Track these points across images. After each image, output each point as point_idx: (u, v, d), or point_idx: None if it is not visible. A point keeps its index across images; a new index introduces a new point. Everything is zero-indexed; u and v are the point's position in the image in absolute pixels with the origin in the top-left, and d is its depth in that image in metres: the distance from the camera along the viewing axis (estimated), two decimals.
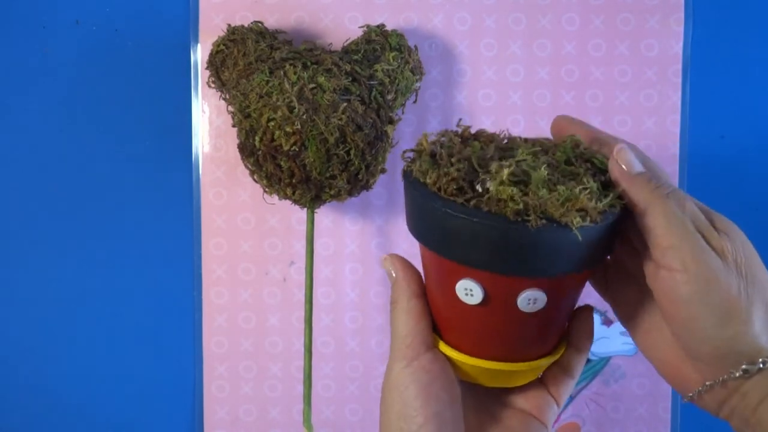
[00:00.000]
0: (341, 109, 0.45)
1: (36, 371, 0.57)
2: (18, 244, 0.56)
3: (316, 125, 0.45)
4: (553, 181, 0.31)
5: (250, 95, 0.47)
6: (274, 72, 0.47)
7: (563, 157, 0.33)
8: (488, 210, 0.30)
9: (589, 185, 0.31)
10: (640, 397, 0.56)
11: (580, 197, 0.31)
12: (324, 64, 0.47)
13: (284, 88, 0.46)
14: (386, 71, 0.49)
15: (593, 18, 0.54)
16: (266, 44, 0.49)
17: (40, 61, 0.55)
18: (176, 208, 0.55)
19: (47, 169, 0.55)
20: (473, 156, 0.32)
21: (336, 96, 0.46)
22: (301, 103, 0.45)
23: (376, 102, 0.48)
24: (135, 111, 0.55)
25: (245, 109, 0.47)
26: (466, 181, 0.31)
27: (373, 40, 0.50)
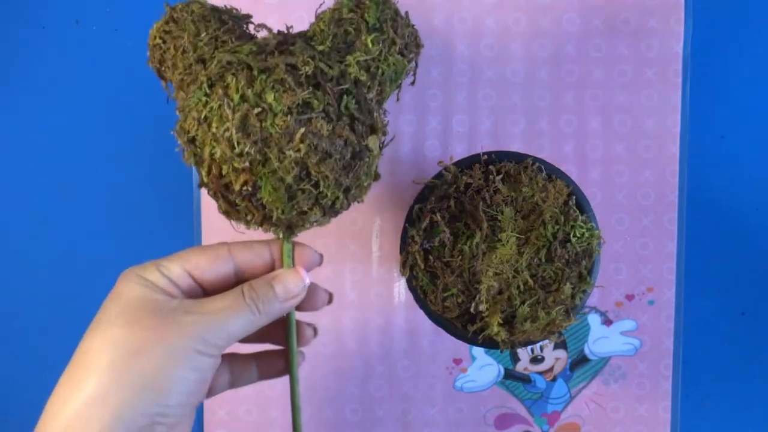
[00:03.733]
0: (298, 137, 0.34)
1: (35, 371, 0.57)
2: (18, 244, 0.56)
3: (269, 161, 0.35)
4: (535, 305, 0.43)
5: (188, 117, 0.36)
6: (213, 86, 0.35)
7: (544, 247, 0.44)
8: (482, 341, 0.44)
9: (564, 297, 0.43)
10: (640, 397, 0.56)
11: (557, 321, 0.43)
12: (275, 73, 0.35)
13: (224, 113, 0.34)
14: (362, 64, 0.37)
15: (593, 18, 0.54)
16: (210, 35, 0.37)
17: (41, 61, 0.55)
18: (176, 208, 0.55)
19: (47, 168, 0.55)
20: (465, 269, 0.43)
21: (291, 119, 0.34)
22: (246, 134, 0.34)
23: (348, 111, 0.36)
24: (135, 111, 0.55)
25: (186, 134, 0.37)
26: (461, 305, 0.44)
27: (343, 19, 0.37)
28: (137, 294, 0.34)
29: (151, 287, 0.35)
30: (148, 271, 0.35)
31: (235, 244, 0.38)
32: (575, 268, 0.44)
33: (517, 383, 0.56)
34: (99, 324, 0.34)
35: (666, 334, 0.56)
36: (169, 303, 0.34)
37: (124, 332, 0.33)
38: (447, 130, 0.55)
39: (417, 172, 0.55)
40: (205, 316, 0.34)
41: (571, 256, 0.44)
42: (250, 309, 0.35)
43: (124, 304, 0.34)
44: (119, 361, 0.32)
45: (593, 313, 0.56)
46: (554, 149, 0.55)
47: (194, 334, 0.33)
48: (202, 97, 0.35)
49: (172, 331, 0.33)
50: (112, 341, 0.33)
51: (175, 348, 0.32)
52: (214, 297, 0.35)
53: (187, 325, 0.33)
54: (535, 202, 0.44)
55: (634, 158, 0.55)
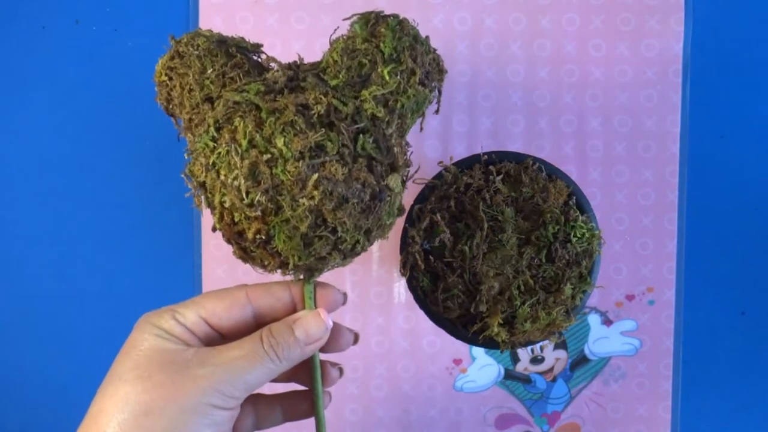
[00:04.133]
0: (311, 184, 0.32)
1: (35, 371, 0.57)
2: (17, 244, 0.56)
3: (281, 210, 0.32)
4: (536, 306, 0.43)
5: (196, 162, 0.34)
6: (221, 130, 0.33)
7: (545, 248, 0.44)
8: (483, 341, 0.44)
9: (564, 298, 0.43)
10: (640, 397, 0.56)
11: (557, 321, 0.43)
12: (285, 114, 0.32)
13: (232, 160, 0.32)
14: (379, 98, 0.34)
15: (593, 18, 0.54)
16: (217, 72, 0.35)
17: (41, 61, 0.55)
18: (176, 209, 0.55)
19: (47, 168, 0.55)
20: (466, 270, 0.43)
21: (303, 165, 0.32)
22: (256, 182, 0.32)
23: (364, 151, 0.34)
24: (135, 111, 0.55)
25: (196, 178, 0.35)
26: (462, 305, 0.44)
27: (357, 50, 0.34)
28: (150, 345, 0.33)
29: (166, 337, 0.33)
30: (163, 318, 0.34)
31: (254, 288, 0.36)
32: (575, 269, 0.44)
33: (517, 383, 0.56)
34: (111, 381, 0.33)
35: (666, 334, 0.56)
36: (184, 354, 0.32)
37: (135, 390, 0.31)
38: (447, 130, 0.55)
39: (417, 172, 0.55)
40: (221, 368, 0.32)
41: (571, 256, 0.44)
42: (270, 357, 0.33)
43: (137, 357, 0.33)
44: (130, 422, 0.31)
45: (593, 313, 0.56)
46: (554, 149, 0.55)
47: (209, 387, 0.31)
48: (209, 141, 0.33)
49: (185, 387, 0.31)
50: (123, 400, 0.31)
51: (188, 406, 0.31)
52: (230, 345, 0.34)
53: (201, 379, 0.31)
54: (536, 203, 0.44)
55: (634, 158, 0.55)
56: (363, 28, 0.35)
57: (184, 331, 0.34)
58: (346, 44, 0.35)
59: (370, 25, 0.34)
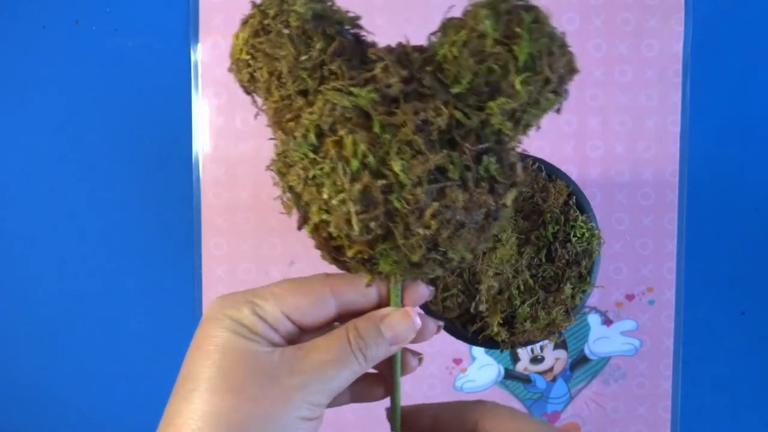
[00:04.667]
0: (429, 213, 0.28)
1: (35, 371, 0.57)
2: (17, 244, 0.56)
3: (392, 238, 0.29)
4: (535, 305, 0.43)
5: (291, 171, 0.30)
6: (323, 138, 0.28)
7: (545, 248, 0.43)
8: (482, 341, 0.43)
9: (564, 297, 0.43)
10: (640, 397, 0.56)
11: (557, 321, 0.42)
12: (402, 132, 0.27)
13: (339, 180, 0.28)
14: (508, 112, 0.29)
15: (593, 18, 0.54)
16: (314, 61, 0.28)
17: (41, 61, 0.55)
18: (176, 208, 0.55)
19: (47, 168, 0.55)
20: (466, 270, 0.42)
21: (420, 191, 0.28)
22: (366, 209, 0.28)
23: (487, 173, 0.29)
24: (135, 111, 0.55)
25: (288, 185, 0.31)
26: (461, 304, 0.43)
27: (487, 53, 0.27)
28: (231, 344, 0.30)
29: (249, 336, 0.30)
30: (243, 312, 0.30)
31: (338, 282, 0.33)
32: (575, 268, 0.44)
33: (517, 383, 0.56)
34: (194, 386, 0.30)
35: (666, 334, 0.56)
36: (270, 358, 0.30)
37: (225, 405, 0.29)
38: None
39: None
40: (311, 376, 0.30)
41: (571, 256, 0.44)
42: (357, 360, 0.31)
43: (221, 360, 0.29)
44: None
45: (593, 313, 0.56)
46: (554, 149, 0.55)
47: (300, 400, 0.29)
48: (308, 151, 0.28)
49: (278, 403, 0.29)
50: (213, 416, 0.29)
51: (281, 424, 0.29)
52: (315, 346, 0.31)
53: (292, 390, 0.29)
54: (536, 203, 0.44)
55: (634, 158, 0.55)
56: (495, 25, 0.28)
57: (266, 328, 0.31)
58: (471, 40, 0.28)
59: (503, 23, 0.28)
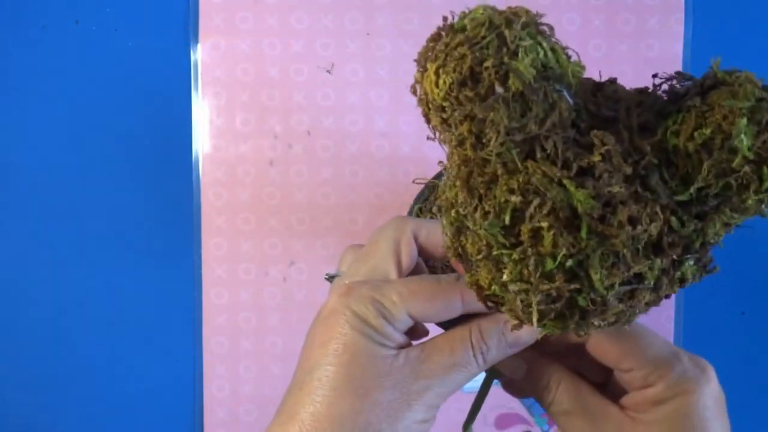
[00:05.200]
0: (611, 312, 0.26)
1: (35, 371, 0.57)
2: (17, 244, 0.56)
3: (564, 321, 0.26)
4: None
5: (470, 239, 0.26)
6: (516, 221, 0.24)
7: None
8: None
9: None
10: None
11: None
12: (610, 244, 0.24)
13: (525, 272, 0.25)
14: (728, 226, 0.26)
15: (593, 18, 0.54)
16: (527, 135, 0.23)
17: (41, 61, 0.55)
18: (176, 208, 0.55)
19: (47, 168, 0.55)
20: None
21: (610, 295, 0.25)
22: (548, 304, 0.25)
23: (682, 276, 0.26)
24: (135, 111, 0.55)
25: (459, 242, 0.27)
26: None
27: (728, 168, 0.23)
28: (361, 348, 0.29)
29: (376, 339, 0.30)
30: (370, 313, 0.30)
31: (470, 293, 0.30)
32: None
33: None
34: (319, 386, 0.30)
35: (666, 334, 0.56)
36: (396, 362, 0.30)
37: (350, 409, 0.29)
38: None
39: (417, 172, 0.55)
40: (434, 381, 0.30)
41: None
42: (477, 363, 0.31)
43: (348, 363, 0.29)
44: None
45: None
46: None
47: (421, 404, 0.30)
48: (497, 231, 0.25)
49: (402, 409, 0.29)
50: (336, 418, 0.29)
51: (399, 427, 0.29)
52: (438, 348, 0.30)
53: (415, 395, 0.29)
54: None
55: None
56: (751, 142, 0.23)
57: (391, 330, 0.30)
58: (715, 146, 0.23)
59: (761, 141, 0.23)
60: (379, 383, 0.29)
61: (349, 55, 0.54)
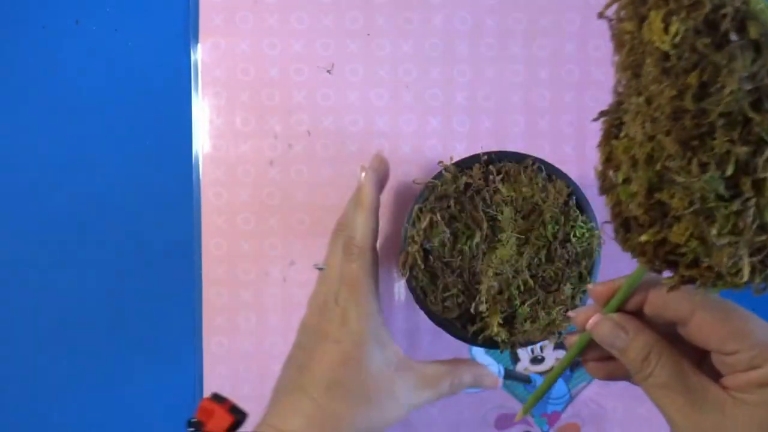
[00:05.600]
0: None
1: (34, 371, 0.57)
2: (16, 243, 0.56)
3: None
4: (535, 306, 0.43)
5: (645, 171, 0.27)
6: (738, 174, 0.24)
7: (544, 248, 0.44)
8: (483, 341, 0.44)
9: (564, 297, 0.43)
10: (640, 397, 0.56)
11: (557, 321, 0.43)
12: None
13: (741, 224, 0.25)
14: None
15: (593, 18, 0.54)
16: (757, 83, 0.22)
17: (41, 61, 0.55)
18: (176, 208, 0.55)
19: (46, 169, 0.55)
20: (465, 269, 0.44)
21: None
22: (762, 259, 0.26)
23: None
24: (135, 111, 0.55)
25: (621, 174, 0.29)
26: (460, 305, 0.44)
27: None
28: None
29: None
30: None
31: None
32: (575, 269, 0.44)
33: (517, 383, 0.56)
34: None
35: None
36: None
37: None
38: (447, 130, 0.55)
39: (417, 172, 0.55)
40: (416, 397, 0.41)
41: (571, 256, 0.44)
42: (447, 394, 0.43)
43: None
44: None
45: None
46: (554, 149, 0.55)
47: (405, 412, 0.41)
48: (717, 182, 0.24)
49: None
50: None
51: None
52: (427, 377, 0.42)
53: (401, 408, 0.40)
54: (535, 202, 0.44)
55: None
56: None
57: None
58: None
59: None
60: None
61: (349, 55, 0.54)
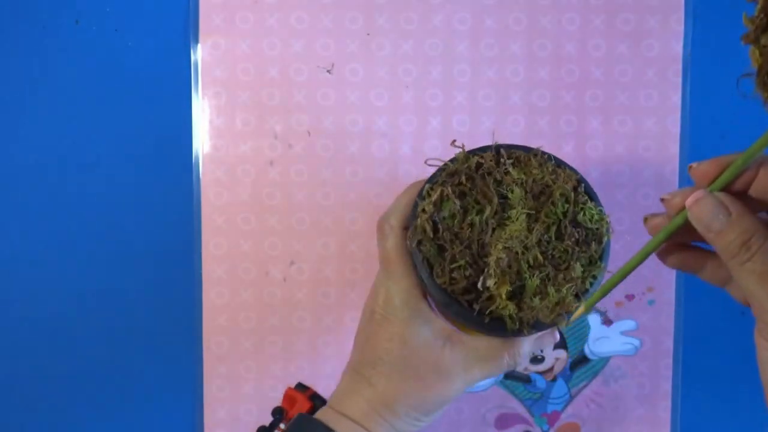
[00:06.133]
0: None
1: (34, 371, 0.57)
2: (16, 243, 0.56)
3: None
4: (545, 280, 0.40)
5: None
6: None
7: (554, 225, 0.41)
8: (489, 324, 0.40)
9: (574, 277, 0.40)
10: (640, 397, 0.56)
11: (567, 300, 0.40)
12: None
13: None
14: None
15: (593, 18, 0.54)
16: None
17: (41, 61, 0.55)
18: (176, 208, 0.55)
19: (46, 168, 0.55)
20: (473, 241, 0.41)
21: None
22: None
23: None
24: (135, 111, 0.55)
25: None
26: (468, 279, 0.40)
27: None
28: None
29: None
30: None
31: None
32: (586, 250, 0.43)
33: (517, 383, 0.56)
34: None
35: (666, 334, 0.56)
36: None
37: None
38: (447, 130, 0.55)
39: (417, 172, 0.55)
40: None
41: (581, 236, 0.42)
42: (509, 367, 0.43)
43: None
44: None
45: (593, 313, 0.56)
46: (554, 149, 0.55)
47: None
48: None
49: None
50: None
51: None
52: (480, 350, 0.42)
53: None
54: (546, 183, 0.42)
55: (634, 158, 0.55)
56: None
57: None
58: None
59: None
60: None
61: (349, 55, 0.54)
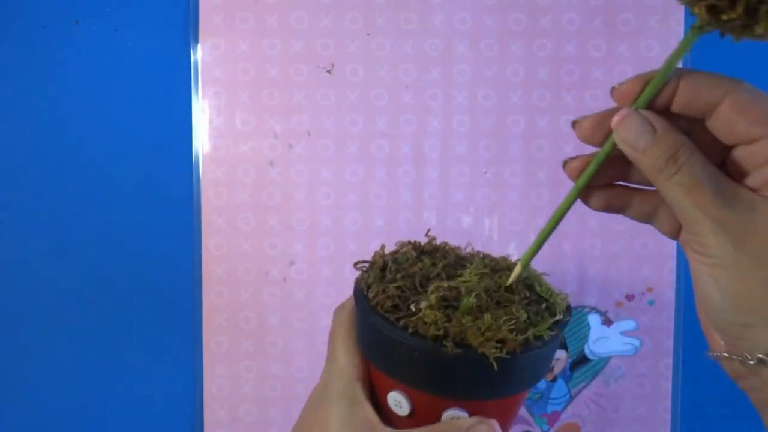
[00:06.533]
0: None
1: (35, 371, 0.57)
2: (15, 243, 0.56)
3: None
4: (481, 309, 0.32)
5: None
6: None
7: (506, 286, 0.34)
8: (414, 331, 0.32)
9: (516, 315, 0.33)
10: (640, 397, 0.56)
11: (502, 328, 0.32)
12: None
13: None
14: None
15: (593, 18, 0.54)
16: None
17: (41, 61, 0.55)
18: (176, 208, 0.55)
19: (46, 168, 0.55)
20: (417, 274, 0.34)
21: None
22: None
23: None
24: (135, 111, 0.55)
25: None
26: (402, 300, 0.33)
27: None
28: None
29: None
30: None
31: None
32: (536, 307, 0.36)
33: None
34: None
35: (666, 334, 0.56)
36: None
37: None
38: (447, 130, 0.55)
39: (417, 172, 0.55)
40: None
41: (533, 297, 0.36)
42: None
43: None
44: None
45: (593, 313, 0.56)
46: (554, 149, 0.55)
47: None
48: None
49: None
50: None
51: None
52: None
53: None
54: (504, 266, 0.37)
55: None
56: None
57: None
58: None
59: None
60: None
61: (349, 55, 0.54)
